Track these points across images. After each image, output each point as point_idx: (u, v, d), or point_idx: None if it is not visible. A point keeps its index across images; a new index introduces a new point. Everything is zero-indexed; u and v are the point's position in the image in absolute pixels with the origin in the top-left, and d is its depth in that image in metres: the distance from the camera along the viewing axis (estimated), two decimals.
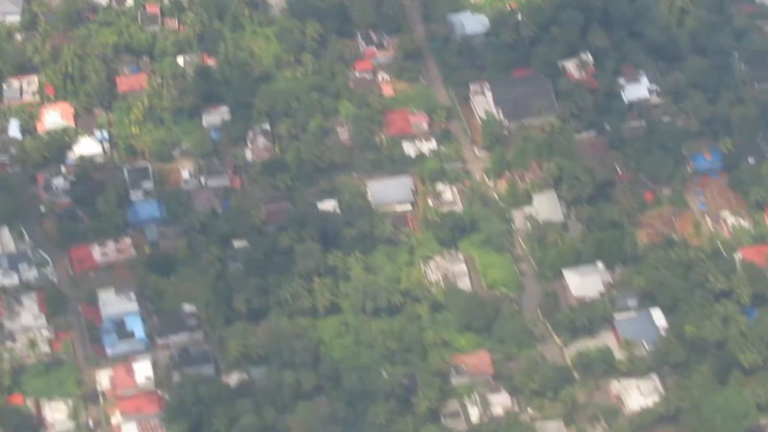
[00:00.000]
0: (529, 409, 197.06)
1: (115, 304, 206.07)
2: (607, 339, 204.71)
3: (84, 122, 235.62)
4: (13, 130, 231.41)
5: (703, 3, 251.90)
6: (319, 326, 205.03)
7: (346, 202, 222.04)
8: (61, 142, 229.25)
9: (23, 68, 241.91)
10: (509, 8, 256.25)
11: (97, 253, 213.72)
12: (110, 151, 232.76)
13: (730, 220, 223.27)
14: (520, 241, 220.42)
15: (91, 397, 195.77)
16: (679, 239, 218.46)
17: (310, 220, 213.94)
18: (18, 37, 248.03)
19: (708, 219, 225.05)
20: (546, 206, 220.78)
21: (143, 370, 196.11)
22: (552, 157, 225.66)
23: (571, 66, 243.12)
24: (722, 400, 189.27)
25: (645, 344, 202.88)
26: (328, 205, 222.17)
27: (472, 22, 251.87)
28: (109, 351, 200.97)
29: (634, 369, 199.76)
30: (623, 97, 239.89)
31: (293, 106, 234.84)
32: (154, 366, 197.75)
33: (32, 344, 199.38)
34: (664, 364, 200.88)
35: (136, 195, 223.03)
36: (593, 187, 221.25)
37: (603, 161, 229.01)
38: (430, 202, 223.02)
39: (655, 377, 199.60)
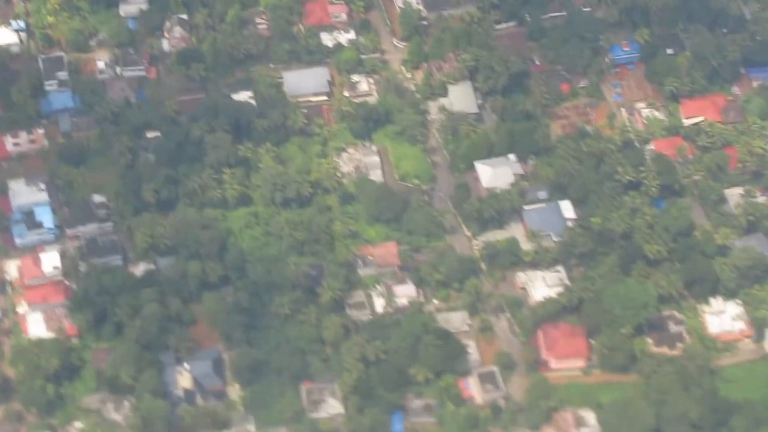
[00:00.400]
0: (434, 299, 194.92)
1: (25, 194, 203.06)
2: (516, 230, 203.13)
3: (1, 12, 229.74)
4: None
5: None
6: (229, 217, 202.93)
7: (261, 93, 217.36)
8: None
9: None
10: None
11: (9, 143, 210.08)
12: (27, 41, 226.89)
13: (645, 111, 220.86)
14: (435, 132, 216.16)
15: None
16: (593, 131, 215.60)
17: (223, 111, 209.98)
18: None
19: (623, 110, 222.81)
20: (461, 97, 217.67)
21: (51, 260, 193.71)
22: (469, 48, 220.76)
23: None
24: (623, 291, 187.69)
25: (552, 236, 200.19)
26: (243, 95, 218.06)
27: None
28: (17, 241, 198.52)
29: (541, 260, 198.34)
30: None
31: None
32: (62, 256, 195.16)
33: None
34: (570, 255, 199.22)
35: (50, 85, 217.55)
36: (508, 78, 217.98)
37: (521, 52, 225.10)
38: (345, 93, 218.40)
39: (561, 268, 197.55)
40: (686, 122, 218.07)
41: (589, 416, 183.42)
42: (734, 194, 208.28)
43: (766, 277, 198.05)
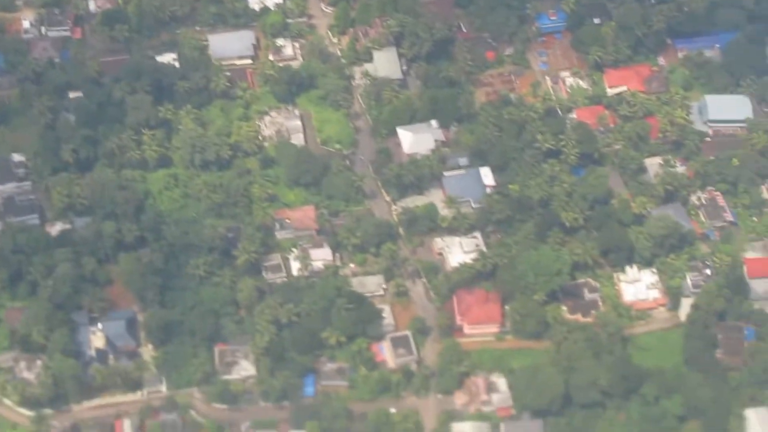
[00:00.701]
0: (351, 264, 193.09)
1: None
2: (435, 196, 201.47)
3: None
4: None
5: None
6: (149, 179, 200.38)
7: (185, 55, 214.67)
8: None
9: None
10: None
11: None
12: None
13: (570, 80, 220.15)
14: (359, 98, 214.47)
15: None
16: (516, 99, 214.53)
17: (145, 72, 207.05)
18: None
19: (548, 79, 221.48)
20: (385, 63, 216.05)
21: None
22: (395, 14, 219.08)
23: None
24: (536, 258, 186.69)
25: (471, 202, 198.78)
26: (168, 57, 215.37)
27: None
28: None
29: (458, 226, 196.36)
30: None
31: None
32: None
33: None
34: (488, 221, 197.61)
35: None
36: (432, 44, 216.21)
37: (447, 19, 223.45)
38: (270, 56, 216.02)
39: (478, 235, 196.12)
40: (610, 91, 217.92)
41: (501, 382, 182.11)
42: (654, 163, 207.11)
43: (681, 246, 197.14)
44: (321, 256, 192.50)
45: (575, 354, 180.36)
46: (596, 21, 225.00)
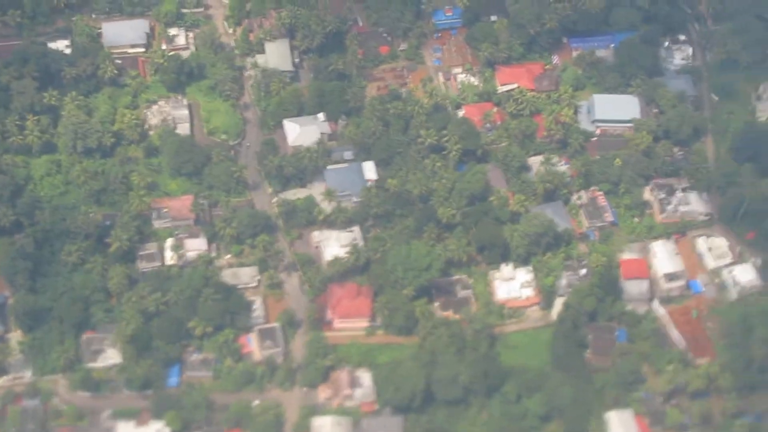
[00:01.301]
0: (228, 254, 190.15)
1: None
2: (318, 189, 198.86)
3: None
4: None
5: None
6: (32, 164, 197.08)
7: (77, 42, 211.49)
8: None
9: None
10: None
11: None
12: None
13: (461, 76, 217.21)
14: (249, 89, 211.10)
15: None
16: (407, 94, 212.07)
17: (33, 58, 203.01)
18: None
19: (440, 75, 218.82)
20: (277, 55, 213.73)
21: None
22: (289, 6, 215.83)
23: None
24: (406, 253, 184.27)
25: (353, 196, 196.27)
26: (61, 44, 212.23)
27: None
28: None
29: (336, 219, 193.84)
30: None
31: None
32: None
33: None
34: (367, 216, 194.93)
35: None
36: (324, 37, 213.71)
37: (343, 13, 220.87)
38: (163, 45, 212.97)
39: (357, 229, 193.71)
40: (501, 89, 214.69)
41: (365, 376, 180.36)
42: (537, 162, 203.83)
43: (558, 245, 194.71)
44: (196, 246, 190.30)
45: (438, 349, 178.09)
46: (493, 18, 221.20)
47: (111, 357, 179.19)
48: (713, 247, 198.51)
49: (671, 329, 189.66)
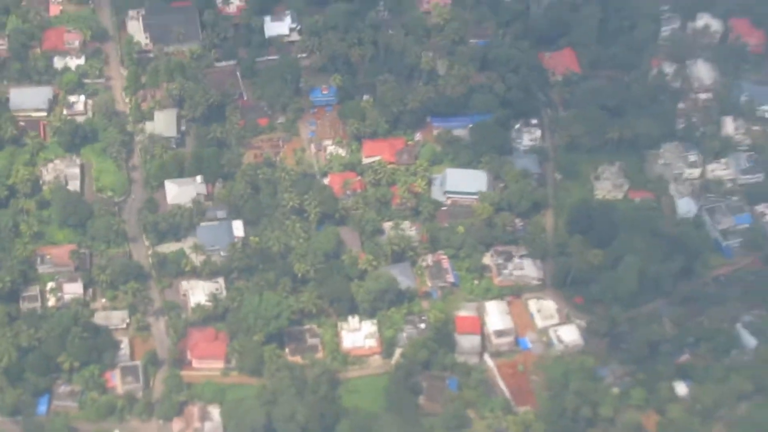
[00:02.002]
0: (103, 299, 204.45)
1: None
2: (190, 243, 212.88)
3: None
4: None
5: None
6: None
7: None
8: None
9: None
10: None
11: None
12: None
13: (330, 148, 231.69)
14: (139, 152, 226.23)
15: None
16: (279, 161, 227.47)
17: None
18: None
19: (312, 146, 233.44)
20: (163, 122, 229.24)
21: None
22: (179, 79, 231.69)
23: (226, 1, 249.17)
24: (258, 303, 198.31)
25: (222, 251, 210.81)
26: None
27: None
28: None
29: (203, 271, 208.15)
30: (264, 31, 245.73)
31: None
32: None
33: None
34: (232, 269, 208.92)
35: None
36: (207, 108, 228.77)
37: (229, 87, 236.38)
38: (64, 111, 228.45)
39: (221, 280, 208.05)
40: (365, 160, 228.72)
41: (215, 412, 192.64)
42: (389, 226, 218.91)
43: (401, 301, 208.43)
44: (72, 290, 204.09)
45: (280, 390, 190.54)
46: (366, 97, 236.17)
47: None
48: (542, 309, 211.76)
49: (498, 380, 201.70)
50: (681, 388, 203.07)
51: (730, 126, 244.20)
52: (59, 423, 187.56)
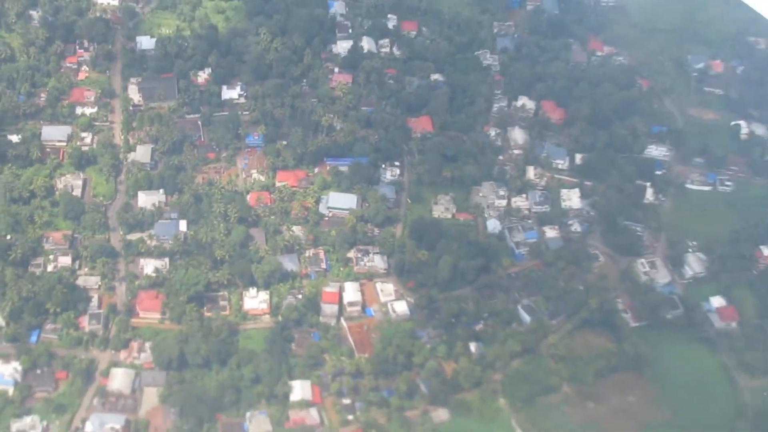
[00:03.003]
0: (86, 268, 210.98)
1: None
2: (150, 234, 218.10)
3: None
4: None
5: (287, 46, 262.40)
6: None
7: (25, 138, 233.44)
8: None
9: None
10: (169, 37, 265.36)
11: None
12: None
13: (255, 175, 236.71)
14: (125, 172, 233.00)
15: None
16: (218, 182, 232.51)
17: None
18: None
19: (243, 173, 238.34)
20: (142, 153, 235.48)
21: None
22: (156, 125, 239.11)
23: (197, 74, 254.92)
24: (184, 275, 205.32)
25: (170, 240, 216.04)
26: (14, 137, 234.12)
27: (147, 42, 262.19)
28: None
29: (156, 253, 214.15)
30: (221, 95, 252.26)
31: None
32: None
33: None
34: (176, 252, 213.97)
35: None
36: (173, 144, 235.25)
37: (193, 132, 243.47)
38: (77, 142, 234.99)
39: (166, 259, 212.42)
40: (278, 184, 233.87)
41: (147, 345, 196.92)
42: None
43: (288, 279, 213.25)
44: (64, 262, 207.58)
45: (191, 333, 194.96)
46: (283, 142, 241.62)
47: None
48: (384, 289, 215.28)
49: (348, 336, 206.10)
50: (473, 347, 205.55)
51: (531, 172, 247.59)
52: (43, 348, 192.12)
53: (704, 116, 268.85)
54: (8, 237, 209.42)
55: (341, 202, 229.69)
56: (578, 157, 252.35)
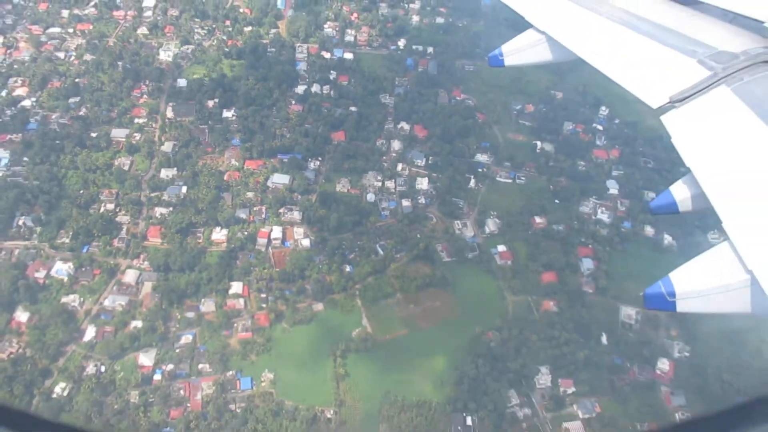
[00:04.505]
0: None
1: None
2: None
3: None
4: None
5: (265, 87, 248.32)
6: None
7: (99, 135, 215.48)
8: None
9: None
10: (195, 80, 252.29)
11: None
12: None
13: (233, 162, 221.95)
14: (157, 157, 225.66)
15: None
16: (210, 166, 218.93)
17: None
18: None
19: (226, 161, 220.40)
20: (168, 147, 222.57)
21: None
22: (179, 131, 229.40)
23: (208, 101, 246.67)
24: None
25: (173, 198, 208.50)
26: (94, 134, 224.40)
27: (182, 82, 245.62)
28: None
29: (163, 204, 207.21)
30: (222, 115, 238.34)
31: None
32: None
33: None
34: (180, 205, 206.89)
35: None
36: (186, 142, 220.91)
37: (200, 135, 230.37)
38: (131, 140, 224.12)
39: (171, 208, 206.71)
40: (245, 168, 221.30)
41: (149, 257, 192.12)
42: None
43: (239, 223, 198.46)
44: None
45: (174, 251, 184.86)
46: (253, 144, 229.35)
47: None
48: (297, 231, 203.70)
49: (271, 257, 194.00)
50: (347, 268, 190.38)
51: (399, 167, 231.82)
52: (87, 256, 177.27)
53: (517, 138, 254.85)
54: (81, 191, 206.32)
55: (280, 179, 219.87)
56: (430, 159, 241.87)
